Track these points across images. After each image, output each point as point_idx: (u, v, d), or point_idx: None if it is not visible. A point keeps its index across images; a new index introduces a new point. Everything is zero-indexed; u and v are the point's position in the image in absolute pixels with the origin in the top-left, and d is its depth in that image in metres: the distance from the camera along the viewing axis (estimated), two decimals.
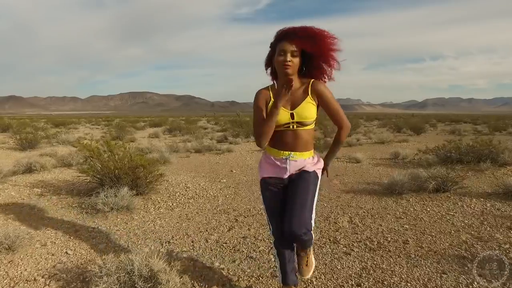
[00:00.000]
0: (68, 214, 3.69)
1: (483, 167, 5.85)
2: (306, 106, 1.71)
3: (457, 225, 3.27)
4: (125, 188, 3.85)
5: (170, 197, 4.43)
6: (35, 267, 2.37)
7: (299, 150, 1.76)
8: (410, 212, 3.72)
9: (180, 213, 3.79)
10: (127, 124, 24.16)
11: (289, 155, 1.75)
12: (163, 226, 3.38)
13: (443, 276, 2.26)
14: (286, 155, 1.75)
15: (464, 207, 3.83)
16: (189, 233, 3.18)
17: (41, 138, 11.51)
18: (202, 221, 3.52)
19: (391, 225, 3.33)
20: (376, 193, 4.60)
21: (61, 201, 4.19)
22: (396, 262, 2.50)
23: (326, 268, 2.43)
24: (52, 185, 5.05)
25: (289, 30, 1.67)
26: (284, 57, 1.64)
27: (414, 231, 3.15)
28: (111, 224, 3.38)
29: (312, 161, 1.82)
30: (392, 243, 2.87)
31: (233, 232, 3.20)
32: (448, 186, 4.46)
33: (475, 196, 4.25)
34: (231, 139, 12.51)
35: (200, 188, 4.98)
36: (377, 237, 3.02)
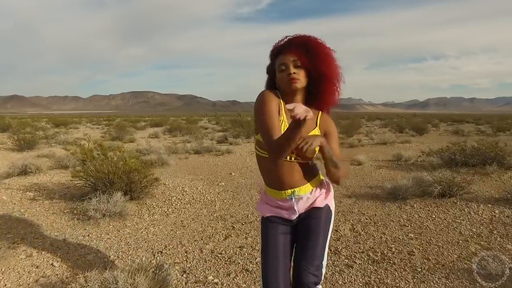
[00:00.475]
0: (58, 220, 3.55)
1: (489, 170, 5.69)
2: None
3: (465, 234, 3.11)
4: (119, 193, 3.71)
5: (165, 202, 4.28)
6: (16, 282, 2.23)
7: (302, 183, 1.45)
8: (414, 219, 3.56)
9: (175, 220, 3.65)
10: (127, 124, 24.06)
11: (293, 193, 1.44)
12: (156, 234, 3.23)
13: None
14: (289, 193, 1.44)
15: (472, 214, 3.67)
16: (183, 242, 3.03)
17: (40, 139, 11.39)
18: (197, 229, 3.37)
19: (395, 234, 3.17)
20: (379, 198, 4.45)
21: (53, 206, 4.05)
22: (401, 277, 2.34)
23: (326, 283, 2.28)
24: (46, 189, 4.92)
25: (283, 43, 1.46)
26: (287, 70, 1.41)
27: (420, 240, 3.00)
28: (102, 232, 3.24)
29: (321, 191, 1.51)
30: (397, 254, 2.72)
31: (230, 241, 3.06)
32: (454, 191, 4.30)
33: (482, 202, 4.09)
34: (231, 139, 12.37)
35: (197, 192, 4.83)
36: (381, 247, 2.87)
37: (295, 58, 1.40)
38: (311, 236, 1.41)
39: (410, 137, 13.77)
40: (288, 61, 1.41)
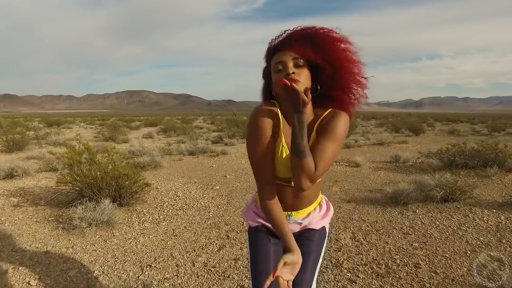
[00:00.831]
0: (42, 230, 3.33)
1: (489, 173, 5.56)
2: None
3: (472, 243, 2.96)
4: (107, 200, 3.50)
5: (157, 208, 4.08)
6: None
7: (300, 207, 1.28)
8: (418, 227, 3.40)
9: (166, 228, 3.44)
10: (121, 123, 23.72)
11: (289, 216, 1.27)
12: (146, 244, 3.03)
13: None
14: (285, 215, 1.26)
15: (477, 220, 3.52)
16: (175, 253, 2.84)
17: (30, 139, 11.10)
18: (190, 238, 3.17)
19: (398, 243, 3.01)
20: (380, 203, 4.29)
21: (37, 213, 3.83)
22: None
23: None
24: (31, 194, 4.69)
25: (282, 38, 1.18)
26: (285, 70, 1.13)
27: (425, 250, 2.83)
28: (88, 243, 3.03)
29: (319, 213, 1.34)
30: (402, 267, 2.55)
31: (224, 252, 2.87)
32: (456, 195, 4.15)
33: (486, 207, 3.94)
34: (227, 140, 12.17)
35: (190, 197, 4.64)
36: (385, 258, 2.70)
37: (296, 55, 1.13)
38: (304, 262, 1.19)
39: (406, 137, 13.68)
40: (286, 59, 1.14)
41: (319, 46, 1.13)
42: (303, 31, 1.17)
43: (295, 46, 1.13)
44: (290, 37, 1.17)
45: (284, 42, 1.17)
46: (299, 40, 1.14)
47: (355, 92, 1.21)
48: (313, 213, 1.32)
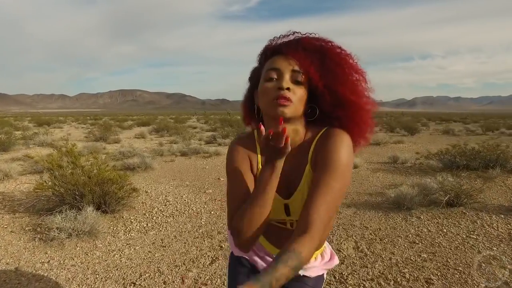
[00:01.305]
0: (16, 242, 3.04)
1: (492, 175, 5.40)
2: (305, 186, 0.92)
3: (485, 253, 2.75)
4: (89, 207, 3.22)
5: (145, 215, 3.81)
6: None
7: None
8: (424, 235, 3.19)
9: (154, 238, 3.17)
10: (113, 123, 23.29)
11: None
12: (131, 258, 2.76)
13: None
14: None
15: (486, 227, 3.32)
16: (162, 268, 2.57)
17: (17, 140, 10.71)
18: (180, 250, 2.91)
19: (405, 254, 2.79)
20: (381, 207, 4.07)
21: (14, 221, 3.53)
22: None
23: None
24: (11, 199, 4.39)
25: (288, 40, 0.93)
26: (279, 81, 0.88)
27: (435, 262, 2.61)
28: (66, 257, 2.75)
29: (321, 262, 1.08)
30: (413, 283, 2.32)
31: (217, 265, 2.61)
32: (462, 199, 3.95)
33: (493, 212, 3.75)
34: (220, 140, 11.91)
35: (182, 202, 4.37)
36: (392, 272, 2.47)
37: (299, 68, 0.89)
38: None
39: (402, 137, 13.54)
40: (284, 68, 0.88)
41: (329, 70, 0.89)
42: (317, 41, 0.92)
43: (301, 56, 0.88)
44: (298, 43, 0.91)
45: (289, 46, 0.91)
46: (309, 51, 0.90)
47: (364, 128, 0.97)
48: (313, 262, 1.07)
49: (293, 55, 0.89)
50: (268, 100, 0.89)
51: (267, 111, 0.91)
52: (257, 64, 1.00)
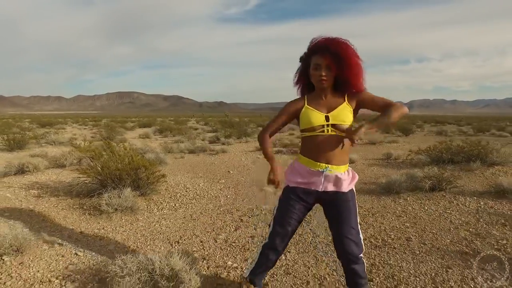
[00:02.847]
0: (70, 215, 3.65)
1: (473, 167, 6.05)
2: (343, 109, 1.69)
3: (455, 222, 3.40)
4: (128, 189, 3.84)
5: (171, 197, 4.43)
6: (47, 269, 2.35)
7: (335, 162, 1.68)
8: (409, 211, 3.83)
9: (184, 214, 3.80)
10: (116, 124, 23.84)
11: (326, 168, 1.67)
12: (169, 226, 3.39)
13: (449, 271, 2.36)
14: (323, 168, 1.67)
15: (460, 206, 3.97)
16: (197, 233, 3.20)
17: (29, 139, 11.25)
18: (207, 222, 3.54)
19: (392, 224, 3.43)
20: (374, 192, 4.71)
21: (60, 202, 4.14)
22: (402, 259, 2.59)
23: (336, 265, 2.49)
24: (48, 187, 4.98)
25: (321, 44, 1.67)
26: (320, 71, 1.66)
27: (415, 228, 3.26)
28: (116, 225, 3.37)
29: (348, 177, 1.74)
30: (396, 241, 2.96)
31: (240, 232, 3.24)
32: (443, 185, 4.61)
33: (468, 195, 4.40)
34: (224, 139, 12.52)
35: (200, 189, 4.99)
36: (381, 235, 3.11)
37: (328, 63, 1.65)
38: (347, 218, 1.66)
39: (397, 137, 14.22)
40: (322, 64, 1.66)
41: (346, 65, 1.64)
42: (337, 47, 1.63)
43: (328, 57, 1.64)
44: (328, 49, 1.64)
45: (323, 49, 1.65)
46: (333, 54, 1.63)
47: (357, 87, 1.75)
48: (345, 174, 1.72)
49: (324, 57, 1.64)
50: (315, 80, 1.70)
51: (316, 85, 1.73)
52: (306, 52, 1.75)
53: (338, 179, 1.69)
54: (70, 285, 2.13)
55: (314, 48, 1.69)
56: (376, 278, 2.29)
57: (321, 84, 1.68)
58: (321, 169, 1.68)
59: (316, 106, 1.73)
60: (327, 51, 1.63)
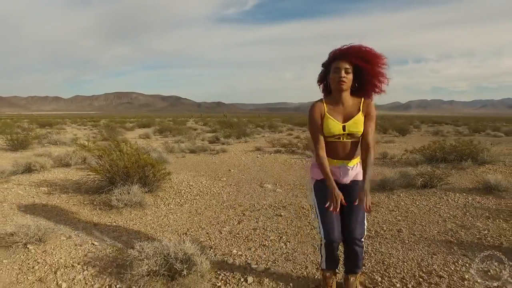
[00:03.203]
0: (82, 210, 3.87)
1: (464, 166, 6.30)
2: (358, 120, 1.90)
3: (443, 216, 3.64)
4: (137, 185, 4.06)
5: (176, 194, 4.66)
6: (68, 256, 2.57)
7: (348, 158, 1.96)
8: (401, 206, 4.07)
9: (189, 209, 4.03)
10: (115, 124, 24.04)
11: (343, 163, 1.95)
12: (176, 220, 3.62)
13: (434, 257, 2.60)
14: (340, 163, 1.95)
15: (449, 201, 4.21)
16: (203, 226, 3.43)
17: (32, 139, 11.43)
18: (212, 216, 3.77)
19: (385, 217, 3.67)
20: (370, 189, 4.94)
21: (71, 199, 4.35)
22: (393, 247, 2.83)
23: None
24: (57, 184, 5.19)
25: (343, 51, 1.88)
26: (339, 74, 1.86)
27: (406, 221, 3.50)
28: (126, 219, 3.60)
29: (358, 168, 2.00)
30: (388, 232, 3.20)
31: (243, 224, 3.47)
32: (434, 182, 4.85)
33: (458, 191, 4.64)
34: (223, 139, 12.74)
35: (203, 186, 5.22)
36: (374, 227, 3.35)
37: (347, 66, 1.87)
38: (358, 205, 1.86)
39: (393, 138, 14.52)
40: (341, 67, 1.87)
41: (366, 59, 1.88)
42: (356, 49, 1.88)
43: (347, 61, 1.86)
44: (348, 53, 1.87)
45: (342, 55, 1.88)
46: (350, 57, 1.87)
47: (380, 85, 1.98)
48: (355, 167, 1.99)
49: (344, 60, 1.86)
50: (335, 82, 1.89)
51: (334, 87, 1.91)
52: (327, 59, 1.95)
53: (353, 170, 1.97)
54: (92, 269, 2.36)
55: (334, 56, 1.91)
56: (368, 263, 2.52)
57: (339, 85, 1.87)
58: (339, 164, 1.96)
59: (334, 114, 1.93)
60: (347, 54, 1.86)
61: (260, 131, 18.88)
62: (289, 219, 3.61)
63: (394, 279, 2.26)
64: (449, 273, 2.32)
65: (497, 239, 2.91)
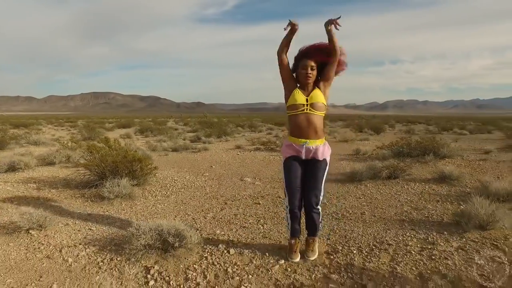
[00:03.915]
0: (74, 203, 4.14)
1: (427, 159, 6.93)
2: (316, 92, 2.36)
3: (401, 201, 4.16)
4: (125, 179, 4.35)
5: (162, 187, 4.97)
6: (69, 238, 2.87)
7: (312, 137, 2.35)
8: (367, 194, 4.57)
9: (175, 199, 4.37)
10: (94, 125, 23.77)
11: (305, 142, 2.35)
12: (164, 209, 3.95)
13: (387, 231, 3.08)
14: (303, 142, 2.35)
15: (409, 189, 4.75)
16: (188, 213, 3.79)
17: (9, 139, 11.32)
18: (196, 205, 4.13)
19: (352, 203, 4.14)
20: (341, 181, 5.44)
21: (61, 193, 4.59)
22: (355, 225, 3.29)
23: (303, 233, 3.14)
24: (44, 181, 5.37)
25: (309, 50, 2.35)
26: (306, 70, 2.32)
27: (370, 206, 3.99)
28: (118, 209, 3.90)
29: (323, 149, 2.42)
30: (353, 215, 3.67)
31: (225, 211, 3.85)
32: (397, 173, 5.40)
33: (418, 181, 5.21)
34: (204, 138, 13.03)
35: (186, 181, 5.55)
36: (341, 211, 3.82)
37: (313, 64, 2.32)
38: (315, 178, 2.35)
39: (368, 136, 15.26)
40: (308, 65, 2.33)
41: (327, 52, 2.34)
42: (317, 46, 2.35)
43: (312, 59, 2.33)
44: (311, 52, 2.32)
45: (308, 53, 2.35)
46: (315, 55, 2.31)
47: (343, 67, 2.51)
48: (320, 146, 2.39)
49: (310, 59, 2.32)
50: (302, 76, 2.34)
51: (302, 80, 2.36)
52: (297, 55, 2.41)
53: (314, 150, 2.38)
54: (93, 247, 2.68)
55: (302, 54, 2.37)
56: (333, 237, 2.97)
57: (306, 80, 2.34)
58: (302, 143, 2.35)
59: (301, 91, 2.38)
60: (310, 54, 2.34)
61: (241, 131, 19.26)
62: (267, 206, 4.02)
63: (352, 247, 2.71)
64: (396, 242, 2.80)
65: (440, 217, 3.43)
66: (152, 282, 2.17)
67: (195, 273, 2.26)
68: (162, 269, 2.30)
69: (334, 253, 2.61)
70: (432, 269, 2.29)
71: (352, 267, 2.33)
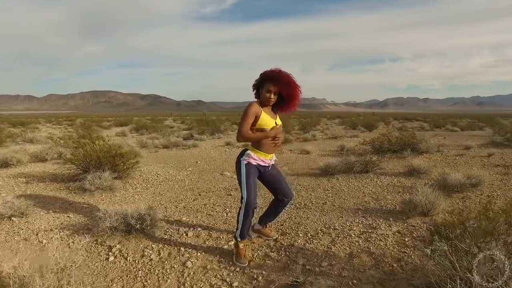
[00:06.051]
0: (58, 194, 4.42)
1: (405, 155, 7.20)
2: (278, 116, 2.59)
3: (365, 192, 4.43)
4: (107, 172, 4.63)
5: (144, 181, 5.26)
6: (47, 224, 3.15)
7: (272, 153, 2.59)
8: (336, 186, 4.84)
9: (154, 191, 4.65)
10: (91, 123, 24.07)
11: (272, 157, 2.59)
12: (141, 199, 4.23)
13: (339, 219, 3.35)
14: (271, 157, 2.57)
15: (377, 182, 5.02)
16: (162, 203, 4.07)
17: (5, 137, 11.62)
18: (172, 196, 4.41)
19: (319, 195, 4.41)
20: (315, 175, 5.71)
21: (48, 186, 4.87)
22: (312, 214, 3.56)
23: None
24: (34, 176, 5.66)
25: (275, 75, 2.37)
26: (269, 95, 2.39)
27: (334, 197, 4.26)
28: (98, 200, 4.18)
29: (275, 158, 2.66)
30: (315, 204, 3.94)
31: (197, 202, 4.13)
32: (369, 168, 5.67)
33: (389, 175, 5.47)
34: (197, 136, 13.30)
35: (169, 175, 5.83)
36: (305, 201, 4.09)
37: (276, 90, 2.39)
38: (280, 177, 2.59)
39: (359, 133, 15.50)
40: (272, 90, 2.39)
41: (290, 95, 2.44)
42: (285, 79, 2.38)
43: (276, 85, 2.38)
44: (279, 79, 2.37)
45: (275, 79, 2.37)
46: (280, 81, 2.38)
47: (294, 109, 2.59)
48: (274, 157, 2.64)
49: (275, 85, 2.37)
50: (265, 98, 2.41)
51: (264, 101, 2.44)
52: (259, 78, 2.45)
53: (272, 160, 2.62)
54: (67, 231, 2.96)
55: (269, 76, 2.39)
56: (288, 223, 3.24)
57: (268, 103, 2.44)
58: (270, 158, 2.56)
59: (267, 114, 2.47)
60: (278, 81, 2.35)
61: (235, 128, 19.54)
62: (237, 198, 4.29)
63: (299, 232, 2.99)
64: (343, 227, 3.08)
65: (393, 206, 3.71)
66: (112, 258, 2.45)
67: (151, 251, 2.54)
68: (123, 248, 2.59)
69: (282, 235, 2.89)
70: (364, 249, 2.56)
71: (292, 247, 2.60)
